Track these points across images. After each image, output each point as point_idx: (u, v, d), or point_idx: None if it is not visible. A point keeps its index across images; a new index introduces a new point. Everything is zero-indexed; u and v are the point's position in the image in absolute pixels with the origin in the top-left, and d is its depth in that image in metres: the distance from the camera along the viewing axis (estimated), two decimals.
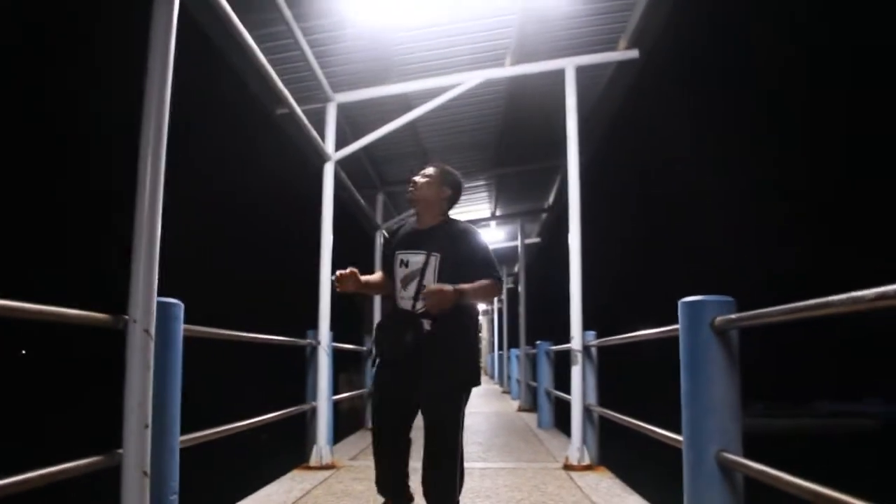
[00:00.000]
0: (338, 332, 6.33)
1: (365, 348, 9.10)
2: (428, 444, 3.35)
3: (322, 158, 6.17)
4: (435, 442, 3.33)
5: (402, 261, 3.47)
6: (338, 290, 3.39)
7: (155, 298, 2.72)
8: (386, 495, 3.51)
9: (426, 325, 3.30)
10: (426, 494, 3.43)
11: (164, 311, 2.91)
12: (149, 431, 2.66)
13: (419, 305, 3.35)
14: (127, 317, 2.67)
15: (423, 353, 3.27)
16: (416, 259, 3.43)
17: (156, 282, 2.72)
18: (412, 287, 3.40)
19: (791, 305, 2.25)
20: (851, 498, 1.90)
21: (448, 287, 3.24)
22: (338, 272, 3.38)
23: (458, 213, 10.95)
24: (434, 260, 3.39)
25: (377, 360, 3.50)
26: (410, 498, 3.52)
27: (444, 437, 3.33)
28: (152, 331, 2.69)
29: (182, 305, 3.10)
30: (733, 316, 2.72)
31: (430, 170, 3.59)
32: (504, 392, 17.80)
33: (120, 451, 2.63)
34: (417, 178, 3.55)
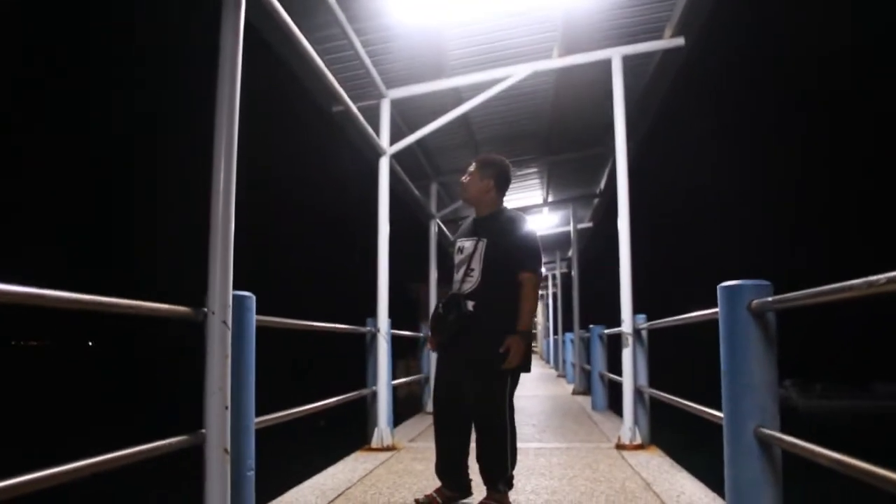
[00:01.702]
0: (395, 320, 6.58)
1: (421, 335, 9.36)
2: (475, 422, 3.65)
3: (377, 153, 6.41)
4: (480, 419, 3.62)
5: (459, 248, 3.81)
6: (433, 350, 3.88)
7: (231, 292, 2.98)
8: (443, 479, 3.75)
9: (469, 305, 3.57)
10: (480, 470, 3.68)
11: (239, 304, 3.17)
12: (228, 413, 2.93)
13: (466, 287, 3.64)
14: (206, 309, 2.94)
15: (468, 332, 3.55)
16: (468, 245, 3.74)
17: (231, 277, 2.98)
18: (462, 271, 3.70)
19: (822, 288, 2.40)
20: (879, 468, 2.05)
21: (512, 340, 3.50)
22: (431, 345, 3.93)
23: (512, 199, 11.15)
24: (481, 245, 3.65)
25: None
26: (467, 486, 3.75)
27: (486, 413, 3.59)
28: (229, 321, 2.96)
29: (254, 297, 3.36)
30: (769, 299, 2.86)
31: (471, 167, 3.88)
32: (559, 376, 17.94)
33: (203, 430, 2.90)
34: (464, 179, 3.87)
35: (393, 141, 6.58)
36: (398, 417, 7.18)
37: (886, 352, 34.29)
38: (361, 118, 5.82)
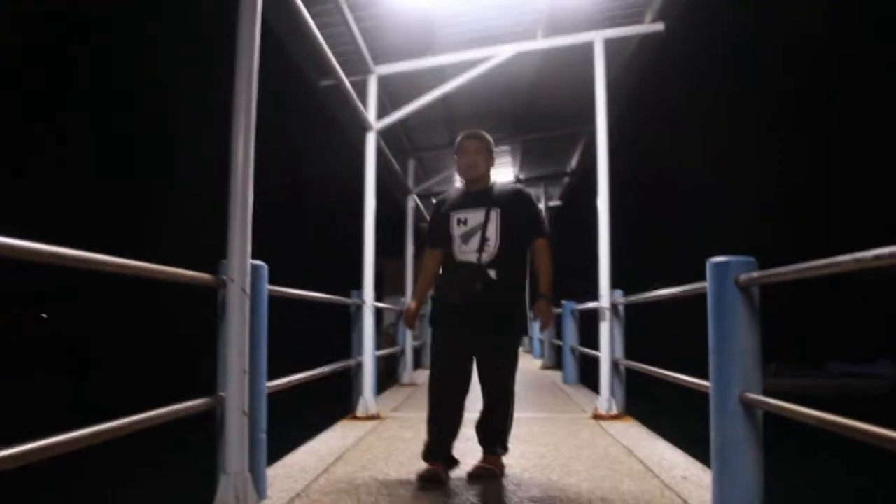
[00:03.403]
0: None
1: (395, 307, 9.53)
2: (489, 393, 3.80)
3: (365, 128, 6.53)
4: (495, 391, 3.79)
5: (459, 220, 3.83)
6: (415, 331, 3.97)
7: (249, 261, 3.13)
8: (435, 459, 3.74)
9: (492, 274, 3.69)
10: (481, 435, 3.87)
11: (254, 273, 3.30)
12: (246, 377, 3.08)
13: (485, 257, 3.71)
14: (225, 277, 3.08)
15: (491, 300, 3.67)
16: (475, 216, 3.80)
17: (249, 246, 3.12)
18: (475, 241, 3.75)
19: (806, 265, 2.62)
20: (853, 421, 2.29)
21: (542, 304, 3.87)
22: (410, 324, 4.22)
23: None
24: (495, 215, 3.77)
25: (437, 314, 3.88)
26: (454, 461, 3.83)
27: (504, 386, 3.81)
28: (248, 289, 3.10)
29: (266, 267, 3.50)
30: (755, 274, 3.08)
31: (478, 145, 3.95)
32: (526, 351, 18.24)
33: (222, 394, 3.05)
34: (477, 159, 3.93)
35: (378, 117, 6.70)
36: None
37: (840, 332, 35.33)
38: (353, 92, 5.93)
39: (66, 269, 2.26)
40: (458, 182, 4.16)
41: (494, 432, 3.87)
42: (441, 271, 3.97)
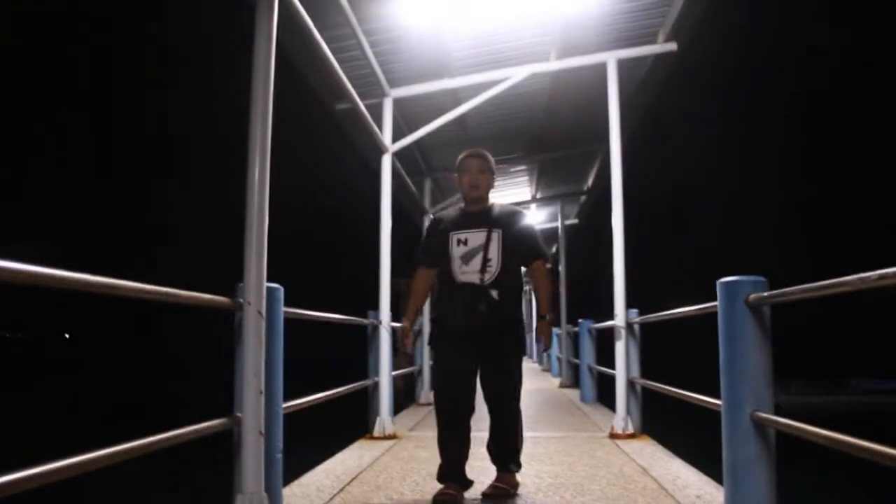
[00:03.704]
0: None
1: (416, 328, 9.57)
2: (497, 412, 3.84)
3: (380, 150, 6.61)
4: (503, 409, 3.84)
5: (459, 240, 3.84)
6: (409, 350, 3.97)
7: (265, 284, 3.19)
8: (449, 481, 3.76)
9: (495, 294, 3.72)
10: (493, 454, 3.91)
11: (270, 295, 3.36)
12: (262, 397, 3.13)
13: (487, 277, 3.74)
14: (242, 300, 3.14)
15: (494, 320, 3.71)
16: (476, 236, 3.82)
17: (265, 269, 3.18)
18: (476, 261, 3.77)
19: (813, 284, 2.65)
20: (864, 441, 2.30)
21: (544, 325, 3.96)
22: (405, 344, 4.11)
23: (502, 195, 11.36)
24: (496, 235, 3.80)
25: (438, 334, 3.91)
26: (469, 482, 3.86)
27: (511, 404, 3.87)
28: (263, 311, 3.16)
29: (282, 289, 3.56)
30: (765, 294, 3.11)
31: (475, 166, 3.94)
32: (544, 370, 18.22)
33: (239, 414, 3.10)
34: (480, 178, 3.92)
35: (394, 139, 6.79)
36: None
37: (863, 349, 35.02)
38: (368, 116, 6.01)
39: (89, 295, 2.33)
40: (460, 203, 4.17)
41: (506, 450, 3.91)
42: (439, 292, 3.98)
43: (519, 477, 4.02)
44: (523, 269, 4.01)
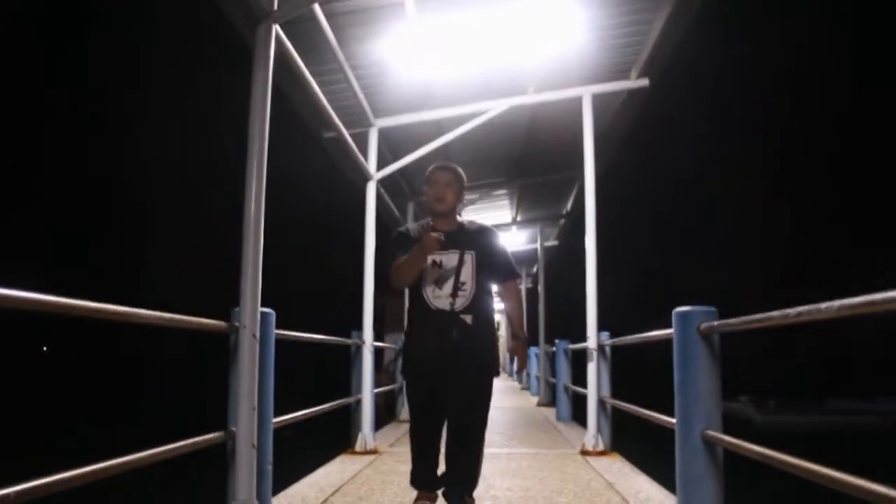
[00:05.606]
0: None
1: (394, 346, 9.85)
2: (460, 432, 3.67)
3: (365, 178, 6.93)
4: (467, 429, 3.67)
5: (434, 262, 3.63)
6: (435, 247, 3.43)
7: (259, 309, 3.48)
8: (423, 488, 3.80)
9: (468, 319, 3.59)
10: (450, 480, 3.75)
11: (263, 319, 3.64)
12: (255, 413, 3.41)
13: (459, 302, 3.60)
14: (238, 324, 3.43)
15: (464, 347, 3.57)
16: (449, 258, 3.65)
17: (259, 295, 3.47)
18: (448, 286, 3.61)
19: (761, 315, 2.88)
20: (801, 461, 2.58)
21: (519, 345, 3.92)
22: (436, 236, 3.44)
23: (483, 217, 11.69)
24: (469, 258, 3.65)
25: (411, 360, 3.77)
26: (439, 481, 3.82)
27: (475, 423, 3.69)
28: (257, 334, 3.45)
29: (274, 314, 3.85)
30: (715, 323, 3.43)
31: (448, 177, 3.80)
32: (523, 388, 18.49)
33: (233, 428, 3.38)
34: (447, 191, 3.76)
35: (377, 166, 7.10)
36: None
37: (841, 369, 35.59)
38: (353, 144, 6.31)
39: (80, 319, 2.46)
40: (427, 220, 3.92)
41: (466, 477, 3.73)
42: (409, 319, 3.85)
43: (491, 490, 4.28)
44: (495, 288, 3.84)
